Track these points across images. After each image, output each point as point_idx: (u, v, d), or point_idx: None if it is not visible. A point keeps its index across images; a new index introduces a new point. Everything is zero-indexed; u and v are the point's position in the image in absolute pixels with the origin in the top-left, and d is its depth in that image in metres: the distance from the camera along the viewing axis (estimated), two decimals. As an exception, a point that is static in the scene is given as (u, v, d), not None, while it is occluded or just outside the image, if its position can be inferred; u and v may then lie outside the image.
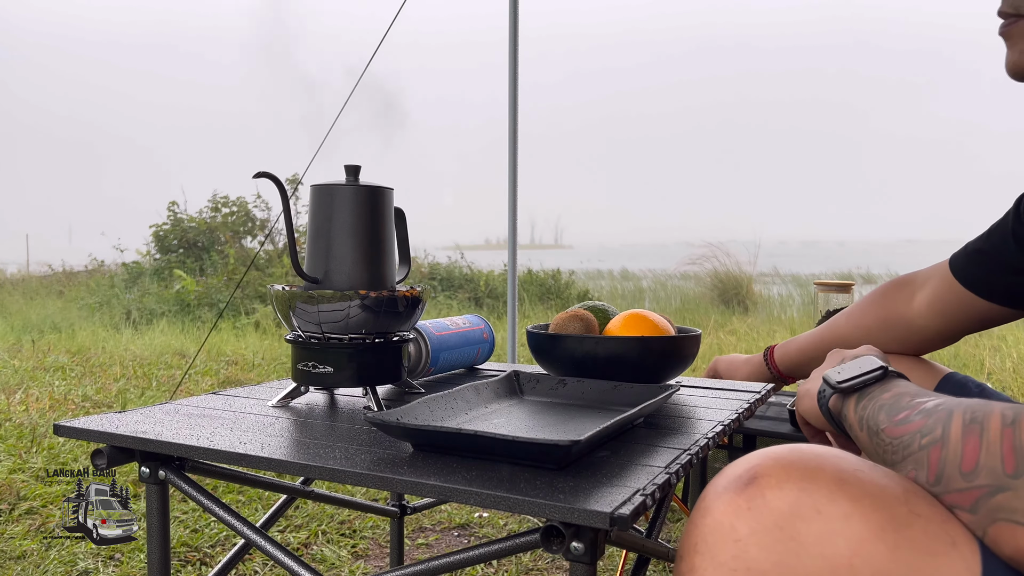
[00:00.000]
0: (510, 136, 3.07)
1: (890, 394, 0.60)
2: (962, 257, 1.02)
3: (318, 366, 0.90)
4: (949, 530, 0.48)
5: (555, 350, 1.00)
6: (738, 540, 0.49)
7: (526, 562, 1.76)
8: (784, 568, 0.47)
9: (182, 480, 0.79)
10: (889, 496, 0.49)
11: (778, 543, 0.47)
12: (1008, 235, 0.93)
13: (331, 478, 0.66)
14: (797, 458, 0.51)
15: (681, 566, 0.52)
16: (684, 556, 0.52)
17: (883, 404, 0.59)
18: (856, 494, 0.48)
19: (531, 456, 0.65)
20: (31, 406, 3.24)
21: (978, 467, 0.47)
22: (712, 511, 0.51)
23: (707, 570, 0.49)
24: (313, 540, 1.90)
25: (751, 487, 0.50)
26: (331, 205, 0.92)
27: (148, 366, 4.40)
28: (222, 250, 7.63)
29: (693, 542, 0.51)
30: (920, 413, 0.54)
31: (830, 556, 0.46)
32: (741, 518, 0.49)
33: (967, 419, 0.49)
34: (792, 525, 0.47)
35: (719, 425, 0.85)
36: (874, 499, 0.48)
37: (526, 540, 0.62)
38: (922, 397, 0.56)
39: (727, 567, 0.48)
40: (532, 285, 7.20)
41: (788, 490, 0.49)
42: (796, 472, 0.50)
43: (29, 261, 10.04)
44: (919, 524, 0.48)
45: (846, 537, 0.47)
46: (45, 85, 60.78)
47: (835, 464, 0.51)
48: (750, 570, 0.48)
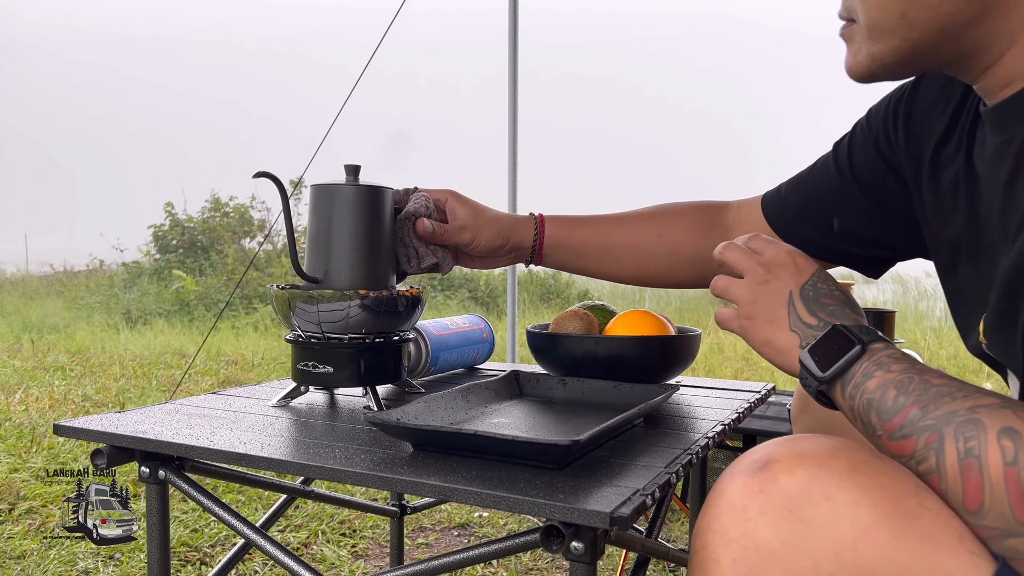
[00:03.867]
0: (510, 137, 3.07)
1: (874, 383, 0.58)
2: (775, 203, 0.97)
3: (318, 366, 0.90)
4: (956, 525, 0.49)
5: (555, 350, 1.00)
6: (748, 519, 0.50)
7: (526, 562, 1.76)
8: (791, 548, 0.49)
9: (182, 480, 0.79)
10: (899, 488, 0.50)
11: (786, 524, 0.49)
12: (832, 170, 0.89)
13: (331, 478, 0.66)
14: (812, 446, 0.53)
15: (695, 543, 0.54)
16: (698, 534, 0.54)
17: (871, 400, 0.58)
18: (866, 483, 0.49)
19: (531, 456, 0.65)
20: (31, 406, 3.24)
21: (984, 508, 0.47)
22: (726, 492, 0.53)
23: (718, 547, 0.51)
24: (313, 540, 1.90)
25: (764, 471, 0.52)
26: (331, 205, 0.92)
27: (148, 366, 4.40)
28: (221, 250, 7.63)
29: (707, 521, 0.53)
30: (910, 426, 0.53)
31: (836, 539, 0.48)
32: (753, 499, 0.51)
33: (961, 450, 0.49)
34: (801, 508, 0.49)
35: (719, 425, 0.85)
36: (884, 489, 0.49)
37: (526, 540, 0.62)
38: (905, 394, 0.55)
39: (737, 544, 0.50)
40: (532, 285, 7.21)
41: (800, 475, 0.50)
42: (809, 459, 0.51)
43: (29, 261, 10.04)
44: (927, 517, 0.48)
45: (852, 522, 0.48)
46: (46, 83, 60.90)
47: (848, 454, 0.52)
48: (759, 548, 0.50)
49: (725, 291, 0.75)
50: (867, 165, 0.86)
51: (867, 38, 0.65)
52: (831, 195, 0.90)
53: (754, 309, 0.71)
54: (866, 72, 0.67)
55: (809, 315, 0.68)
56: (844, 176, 0.88)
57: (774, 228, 0.97)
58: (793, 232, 0.94)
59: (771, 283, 0.70)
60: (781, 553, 0.49)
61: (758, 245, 0.74)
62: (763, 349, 0.71)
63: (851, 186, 0.88)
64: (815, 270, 0.71)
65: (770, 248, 0.73)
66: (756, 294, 0.71)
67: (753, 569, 0.50)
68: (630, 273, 1.07)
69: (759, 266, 0.72)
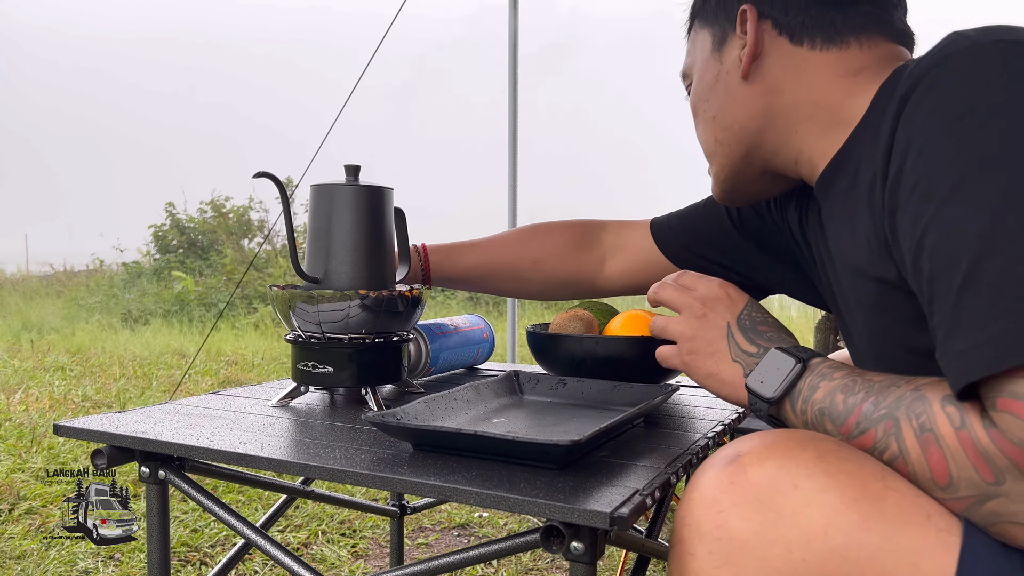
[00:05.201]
0: (510, 136, 3.07)
1: (821, 393, 0.60)
2: (666, 229, 1.05)
3: (318, 366, 0.90)
4: (923, 504, 0.50)
5: (555, 350, 1.00)
6: (721, 511, 0.52)
7: (526, 562, 1.76)
8: (762, 537, 0.50)
9: (182, 480, 0.79)
10: (866, 473, 0.51)
11: (757, 514, 0.51)
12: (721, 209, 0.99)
13: (331, 478, 0.66)
14: (779, 439, 0.54)
15: (673, 537, 0.56)
16: (675, 529, 0.56)
17: (822, 409, 0.59)
18: (832, 470, 0.51)
19: (531, 456, 0.65)
20: (31, 406, 3.24)
21: (953, 479, 0.48)
22: (699, 486, 0.55)
23: (693, 540, 0.53)
24: (313, 540, 1.90)
25: (734, 464, 0.54)
26: (331, 205, 0.92)
27: (148, 366, 4.40)
28: (221, 250, 7.63)
29: (682, 515, 0.55)
30: (865, 421, 0.55)
31: (805, 525, 0.49)
32: (724, 492, 0.53)
33: (916, 428, 0.51)
34: (771, 498, 0.51)
35: (719, 425, 0.85)
36: (849, 475, 0.51)
37: (526, 540, 0.62)
38: (853, 395, 0.57)
39: (711, 536, 0.52)
40: (532, 285, 7.18)
41: (768, 467, 0.52)
42: (777, 450, 0.53)
43: (29, 261, 10.04)
44: (893, 498, 0.50)
45: (820, 508, 0.49)
46: (44, 84, 60.86)
47: (815, 444, 0.54)
48: (732, 539, 0.51)
49: (664, 330, 0.78)
50: (752, 220, 0.96)
51: (710, 167, 0.83)
52: (719, 238, 1.00)
53: (694, 344, 0.74)
54: (719, 192, 0.84)
55: (749, 344, 0.71)
56: (734, 223, 0.98)
57: (663, 250, 1.06)
58: (683, 259, 1.04)
59: (708, 316, 0.73)
60: (754, 543, 0.50)
61: (689, 281, 0.78)
62: (707, 382, 0.73)
63: (738, 235, 0.98)
64: (747, 300, 0.75)
65: (702, 283, 0.76)
66: (695, 329, 0.74)
67: (728, 560, 0.51)
68: (513, 293, 1.17)
69: (695, 301, 0.75)
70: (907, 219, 0.55)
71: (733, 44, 0.76)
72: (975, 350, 0.46)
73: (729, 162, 0.80)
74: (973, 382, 0.47)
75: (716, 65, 0.78)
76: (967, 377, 0.47)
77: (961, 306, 0.48)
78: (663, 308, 0.82)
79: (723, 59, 0.78)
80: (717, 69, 0.78)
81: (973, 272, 0.48)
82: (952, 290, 0.49)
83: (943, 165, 0.51)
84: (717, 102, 0.78)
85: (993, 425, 0.46)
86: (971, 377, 0.46)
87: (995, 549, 0.47)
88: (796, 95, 0.73)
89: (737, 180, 0.81)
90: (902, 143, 0.56)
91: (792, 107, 0.74)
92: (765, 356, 0.67)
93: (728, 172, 0.81)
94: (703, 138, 0.82)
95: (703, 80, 0.80)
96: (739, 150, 0.78)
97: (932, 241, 0.51)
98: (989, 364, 0.45)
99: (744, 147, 0.78)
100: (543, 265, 1.11)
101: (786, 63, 0.73)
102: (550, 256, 1.11)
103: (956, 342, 0.48)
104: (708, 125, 0.80)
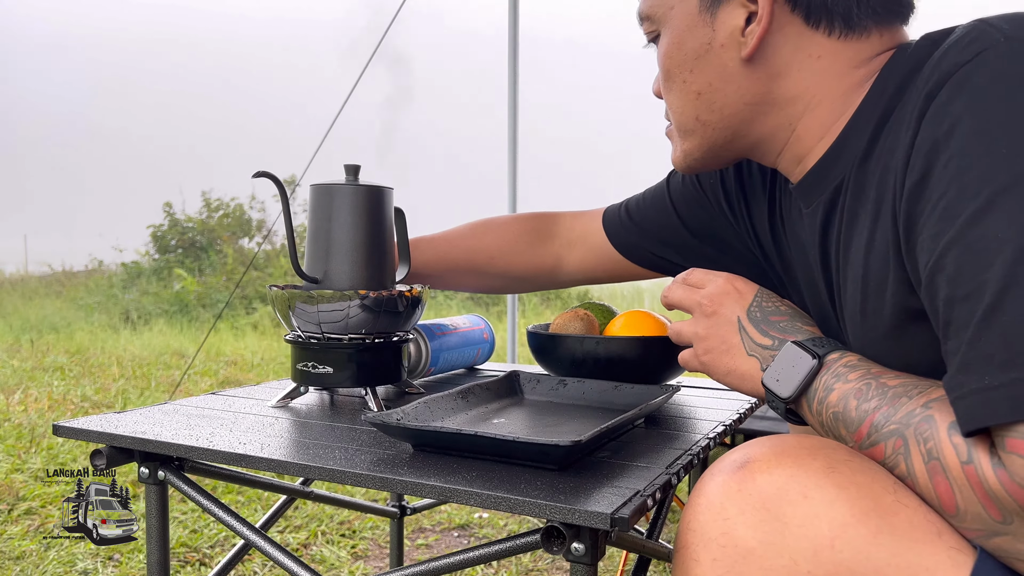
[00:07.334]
0: (510, 136, 3.07)
1: (835, 396, 0.58)
2: (617, 222, 1.03)
3: (318, 366, 0.90)
4: (935, 520, 0.49)
5: (555, 350, 1.00)
6: (727, 519, 0.51)
7: (526, 563, 1.76)
8: (769, 546, 0.49)
9: (181, 480, 0.79)
10: (877, 485, 0.50)
11: (764, 523, 0.50)
12: (667, 205, 0.97)
13: (331, 479, 0.66)
14: (791, 446, 0.53)
15: (677, 542, 0.55)
16: (680, 534, 0.54)
17: (836, 413, 0.58)
18: (843, 482, 0.50)
19: (531, 456, 0.65)
20: (30, 406, 3.24)
21: (960, 511, 0.47)
22: (705, 492, 0.53)
23: (698, 547, 0.52)
24: (313, 540, 1.90)
25: (742, 470, 0.52)
26: (331, 205, 0.92)
27: (147, 366, 4.40)
28: (220, 250, 7.62)
29: (687, 520, 0.54)
30: (876, 433, 0.53)
31: (813, 537, 0.48)
32: (731, 499, 0.51)
33: (924, 453, 0.49)
34: (779, 507, 0.50)
35: (720, 425, 0.85)
36: (860, 487, 0.50)
37: (526, 541, 0.61)
38: (866, 400, 0.55)
39: (716, 543, 0.51)
40: (532, 285, 7.19)
41: (777, 474, 0.51)
42: (788, 459, 0.52)
43: (28, 261, 10.04)
44: (904, 513, 0.49)
45: (829, 520, 0.48)
46: (46, 82, 60.89)
47: (826, 453, 0.52)
48: (737, 547, 0.50)
49: (679, 335, 0.77)
50: (697, 216, 0.94)
51: (679, 137, 0.75)
52: (665, 231, 0.98)
53: (709, 343, 0.72)
54: (683, 165, 0.76)
55: (762, 336, 0.69)
56: (679, 217, 0.96)
57: (614, 245, 1.04)
58: (632, 251, 1.02)
59: (718, 313, 0.72)
60: (759, 552, 0.49)
61: (696, 279, 0.76)
62: (727, 379, 0.72)
63: (686, 231, 0.96)
64: (756, 291, 0.72)
65: (708, 279, 0.75)
66: (706, 328, 0.73)
67: (732, 568, 0.50)
68: (475, 288, 1.17)
69: (703, 299, 0.73)
70: (928, 233, 0.50)
71: (732, 8, 0.65)
72: (991, 392, 0.44)
73: (708, 143, 0.72)
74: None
75: (706, 30, 0.67)
76: (979, 421, 0.44)
77: (980, 340, 0.45)
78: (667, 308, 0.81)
79: (716, 25, 0.66)
80: (707, 37, 0.67)
81: (996, 305, 0.44)
82: (972, 320, 0.46)
83: (973, 179, 0.47)
84: (705, 78, 0.68)
85: (1001, 465, 0.44)
86: (984, 423, 0.44)
87: (1008, 572, 0.46)
88: (801, 84, 0.65)
89: (709, 160, 0.74)
90: (925, 145, 0.51)
91: (794, 98, 0.66)
92: (781, 350, 0.65)
93: (702, 152, 0.73)
94: (679, 111, 0.72)
95: (684, 45, 0.68)
96: (723, 135, 0.71)
97: (954, 262, 0.47)
98: (1005, 412, 0.43)
99: (730, 132, 0.70)
100: (498, 261, 1.10)
101: (797, 46, 0.64)
102: (504, 252, 1.10)
103: (970, 377, 0.45)
104: (689, 100, 0.70)
